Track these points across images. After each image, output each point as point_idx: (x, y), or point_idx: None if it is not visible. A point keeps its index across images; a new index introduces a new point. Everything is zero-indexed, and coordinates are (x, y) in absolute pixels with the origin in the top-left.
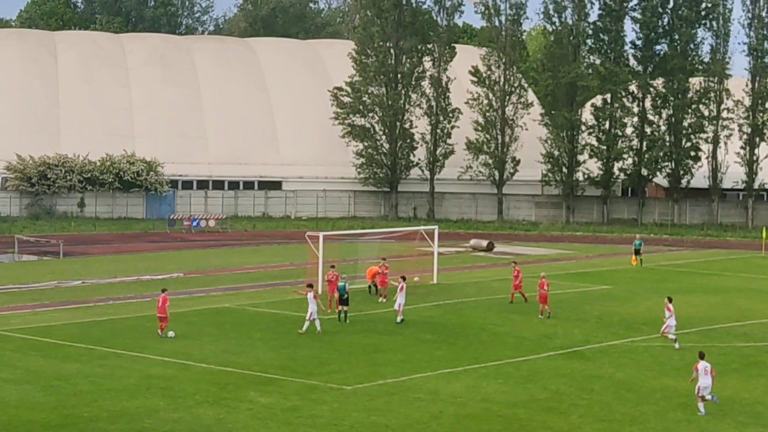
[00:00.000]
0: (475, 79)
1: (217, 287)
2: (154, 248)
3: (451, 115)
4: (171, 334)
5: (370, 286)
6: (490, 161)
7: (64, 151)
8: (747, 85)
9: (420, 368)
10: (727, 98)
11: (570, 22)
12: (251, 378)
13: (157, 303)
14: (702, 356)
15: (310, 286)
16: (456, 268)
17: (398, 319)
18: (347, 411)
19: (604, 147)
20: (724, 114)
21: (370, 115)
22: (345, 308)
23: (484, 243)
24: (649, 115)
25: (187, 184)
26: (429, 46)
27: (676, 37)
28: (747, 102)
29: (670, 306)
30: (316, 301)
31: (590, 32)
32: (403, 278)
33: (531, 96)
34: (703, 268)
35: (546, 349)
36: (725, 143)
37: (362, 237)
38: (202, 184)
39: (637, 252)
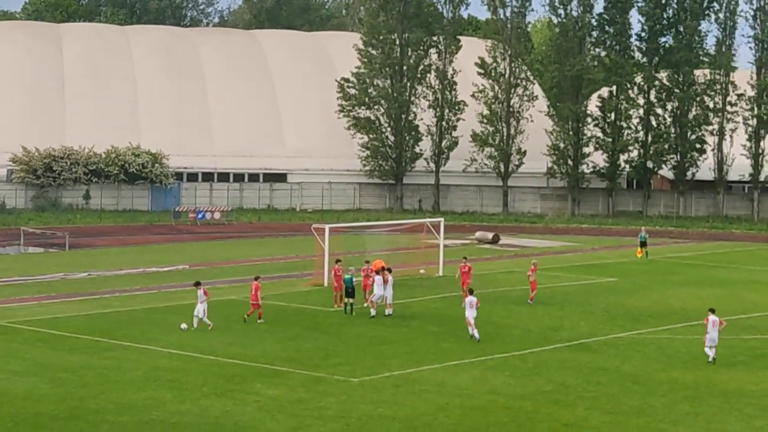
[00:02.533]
0: (481, 71)
1: (222, 279)
2: (160, 240)
3: (456, 107)
4: (183, 326)
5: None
6: (496, 153)
7: (69, 143)
8: (752, 77)
9: (426, 360)
10: (733, 90)
11: (575, 15)
12: (258, 370)
13: (250, 290)
14: (713, 311)
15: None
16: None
17: (387, 311)
18: (354, 403)
19: (610, 139)
20: (729, 106)
21: (376, 107)
22: (351, 300)
23: (490, 235)
24: (654, 108)
25: (193, 177)
26: (434, 38)
27: (682, 29)
28: (752, 94)
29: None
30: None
31: (595, 24)
32: (389, 270)
33: (536, 88)
34: (708, 261)
35: (552, 341)
36: (731, 135)
37: (368, 229)
38: (208, 177)
39: (642, 244)
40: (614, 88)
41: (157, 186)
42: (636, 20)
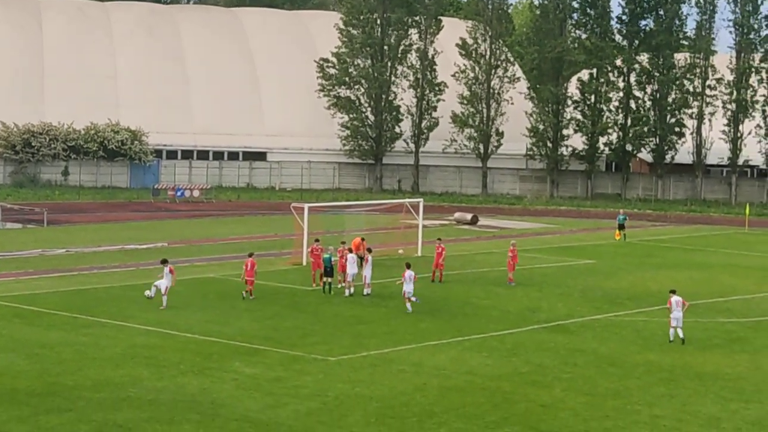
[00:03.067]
0: (462, 52)
1: (201, 257)
2: (138, 218)
3: (436, 88)
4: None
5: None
6: (475, 135)
7: (48, 119)
8: (732, 61)
9: (404, 340)
10: (712, 74)
11: None
12: (235, 348)
13: (245, 266)
14: (674, 292)
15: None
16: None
17: (365, 291)
18: (331, 382)
19: (589, 122)
20: (709, 90)
21: (356, 87)
22: (329, 280)
23: (469, 216)
24: (634, 91)
25: (172, 154)
26: (416, 18)
27: (662, 12)
28: (731, 78)
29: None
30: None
31: (576, 6)
32: (369, 250)
33: (517, 70)
34: (686, 244)
35: (530, 322)
36: (710, 119)
37: (347, 209)
38: (187, 154)
39: (620, 227)
40: (594, 70)
41: (136, 163)
42: (617, 3)
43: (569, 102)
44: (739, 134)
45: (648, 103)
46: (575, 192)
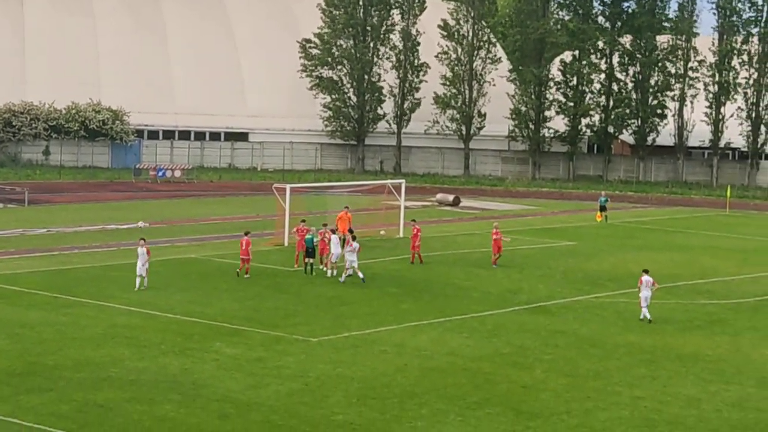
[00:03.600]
0: (444, 33)
1: (182, 237)
2: (120, 198)
3: (419, 69)
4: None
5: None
6: (458, 116)
7: (29, 98)
8: (714, 44)
9: (385, 321)
10: (694, 56)
11: None
12: (217, 329)
13: (240, 245)
14: (646, 272)
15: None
16: (422, 222)
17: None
18: (313, 363)
19: (571, 103)
20: (691, 72)
21: (339, 67)
22: (311, 260)
23: (451, 197)
24: (616, 73)
25: (153, 134)
26: None
27: None
28: (714, 60)
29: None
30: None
31: None
32: (354, 237)
33: (499, 51)
34: (667, 226)
35: (511, 303)
36: (691, 101)
37: (329, 190)
38: (168, 135)
39: (602, 209)
40: (576, 52)
41: (118, 143)
42: None
43: (551, 84)
44: (720, 116)
45: (630, 85)
46: (557, 174)
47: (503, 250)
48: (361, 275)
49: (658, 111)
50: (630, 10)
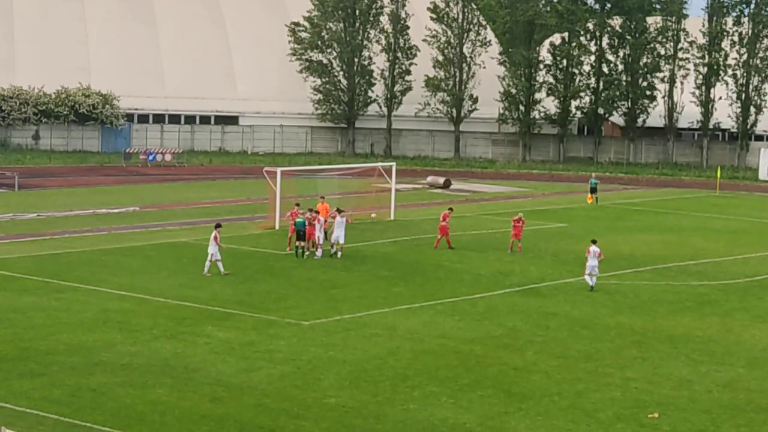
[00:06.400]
0: (434, 16)
1: (173, 221)
2: (110, 182)
3: (409, 51)
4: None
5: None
6: (448, 98)
7: (18, 83)
8: (704, 25)
9: (377, 304)
10: (684, 38)
11: None
12: (209, 313)
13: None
14: (594, 242)
15: (218, 226)
16: (413, 204)
17: (333, 251)
18: (305, 346)
19: (562, 85)
20: (681, 54)
21: (328, 50)
22: (302, 244)
23: (441, 180)
24: (606, 54)
25: (143, 118)
26: None
27: None
28: (704, 41)
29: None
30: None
31: None
32: (339, 210)
33: (489, 34)
34: (658, 207)
35: (502, 286)
36: (681, 83)
37: (320, 173)
38: (159, 118)
39: (593, 190)
40: (566, 34)
41: (108, 127)
42: None
43: (541, 66)
44: (710, 98)
45: (620, 67)
46: (547, 156)
47: (487, 233)
48: (338, 254)
49: (648, 92)
50: None
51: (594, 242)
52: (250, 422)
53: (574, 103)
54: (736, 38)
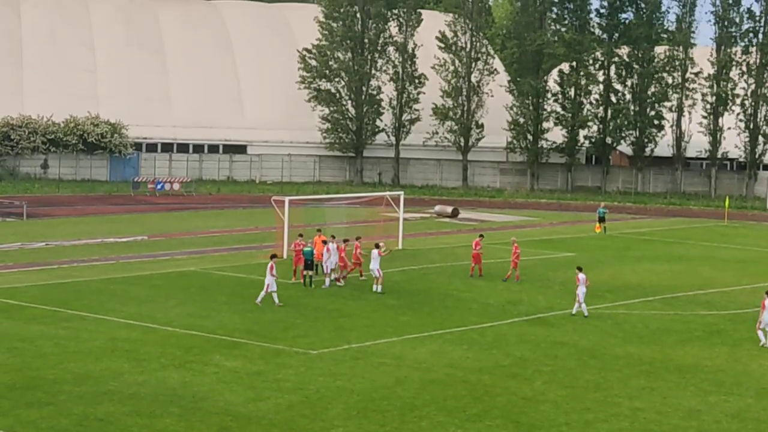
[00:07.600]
0: (442, 45)
1: (181, 250)
2: (118, 211)
3: (417, 81)
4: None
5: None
6: (456, 127)
7: (27, 111)
8: (712, 54)
9: (385, 333)
10: (691, 67)
11: None
12: (216, 342)
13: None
14: (580, 270)
15: (274, 256)
16: (421, 234)
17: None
18: (313, 375)
19: (569, 114)
20: (688, 83)
21: (336, 80)
22: (310, 273)
23: (449, 209)
24: (614, 84)
25: (152, 147)
26: (395, 11)
27: (642, 5)
28: (712, 71)
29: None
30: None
31: (555, 0)
32: (377, 245)
33: (497, 63)
34: (666, 237)
35: (510, 315)
36: (689, 112)
37: (328, 202)
38: (167, 147)
39: (601, 220)
40: (574, 63)
41: (116, 156)
42: None
43: (549, 95)
44: (718, 127)
45: (628, 96)
46: (555, 185)
47: (495, 261)
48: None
49: (656, 122)
50: (627, 22)
51: (579, 269)
52: None
53: (582, 132)
54: (744, 68)
